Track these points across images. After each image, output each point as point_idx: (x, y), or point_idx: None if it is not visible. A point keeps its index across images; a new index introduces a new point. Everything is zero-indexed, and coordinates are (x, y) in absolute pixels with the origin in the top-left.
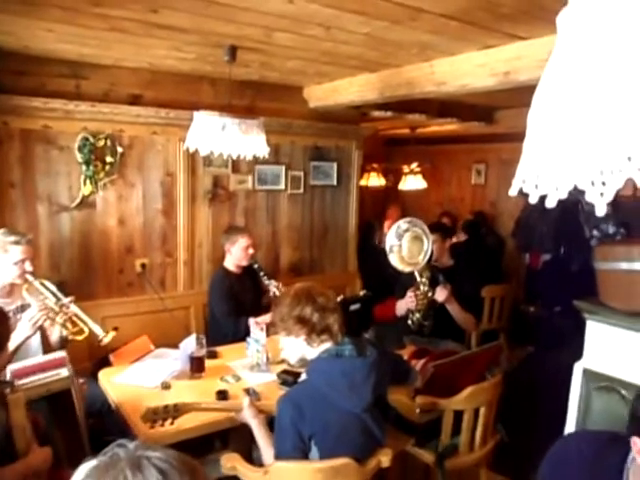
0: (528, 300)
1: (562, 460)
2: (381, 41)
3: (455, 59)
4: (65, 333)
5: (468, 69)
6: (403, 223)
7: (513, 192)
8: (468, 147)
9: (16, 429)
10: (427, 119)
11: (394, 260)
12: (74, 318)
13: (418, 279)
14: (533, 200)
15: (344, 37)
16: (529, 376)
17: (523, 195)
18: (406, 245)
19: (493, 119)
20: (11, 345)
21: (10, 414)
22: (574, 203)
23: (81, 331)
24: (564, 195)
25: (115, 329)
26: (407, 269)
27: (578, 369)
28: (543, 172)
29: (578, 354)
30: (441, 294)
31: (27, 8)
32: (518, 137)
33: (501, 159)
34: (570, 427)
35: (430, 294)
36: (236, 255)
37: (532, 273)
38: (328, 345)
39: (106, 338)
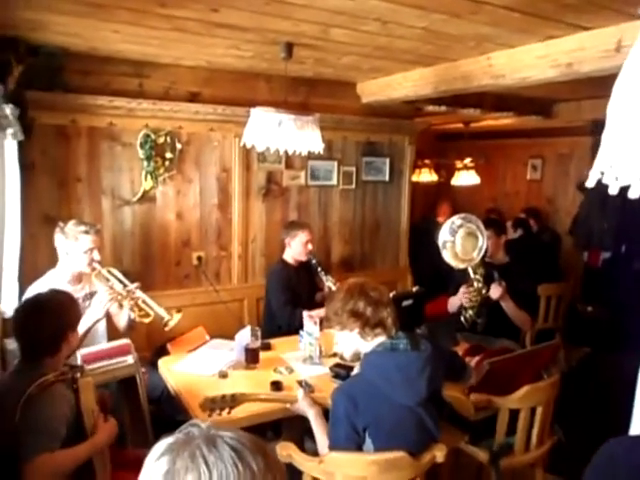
0: (586, 299)
1: (609, 462)
2: (438, 35)
3: (514, 51)
4: (133, 316)
5: (528, 61)
6: (457, 219)
7: (590, 183)
8: (524, 142)
9: (86, 412)
10: (482, 113)
11: (447, 256)
12: (140, 303)
13: (472, 276)
14: (613, 191)
15: (400, 32)
16: (588, 377)
17: (581, 190)
18: (460, 241)
19: (551, 112)
20: (81, 329)
21: (80, 397)
22: (637, 199)
23: (147, 314)
24: None
25: (179, 311)
26: (461, 265)
27: None
28: (626, 162)
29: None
30: (495, 291)
31: (95, 10)
32: (577, 131)
33: (559, 154)
34: (635, 429)
35: (484, 291)
36: (295, 249)
37: (591, 271)
38: (382, 339)
39: (172, 321)
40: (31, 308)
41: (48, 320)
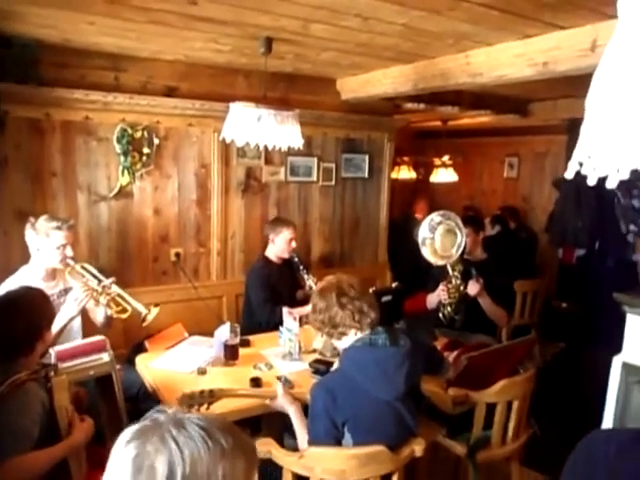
0: (560, 296)
1: (586, 459)
2: (417, 32)
3: (492, 49)
4: (110, 312)
5: (505, 59)
6: (436, 216)
7: (569, 175)
8: (501, 140)
9: (59, 411)
10: (460, 111)
11: (427, 253)
12: (117, 298)
13: (450, 272)
14: (592, 182)
15: (381, 28)
16: (562, 371)
17: (557, 188)
18: (439, 238)
19: (527, 111)
20: (56, 326)
21: (54, 396)
22: (610, 197)
23: (124, 310)
24: (626, 176)
25: (157, 305)
26: (440, 262)
27: (617, 363)
28: (603, 153)
29: (613, 350)
30: (473, 288)
31: (70, 1)
32: (553, 130)
33: (535, 152)
34: (608, 422)
35: (462, 288)
36: (279, 246)
37: (565, 268)
38: (360, 334)
39: (150, 315)
40: (2, 307)
41: (21, 318)
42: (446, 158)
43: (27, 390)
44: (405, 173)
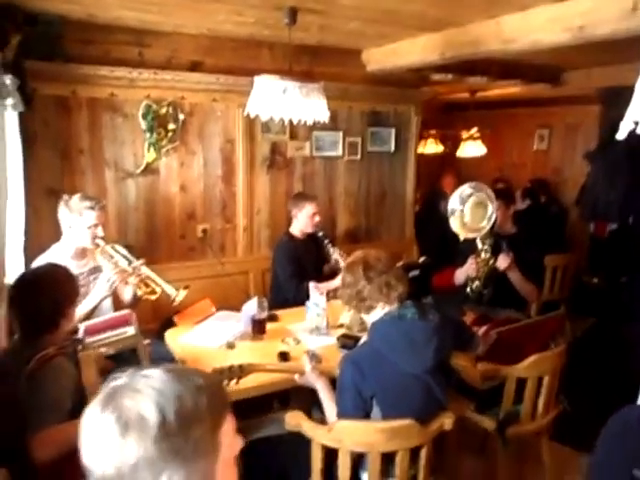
0: (591, 271)
1: (620, 431)
2: None
3: (525, 14)
4: (140, 293)
5: (539, 24)
6: (467, 187)
7: (622, 135)
8: (531, 111)
9: (88, 386)
10: (489, 81)
11: (455, 225)
12: (146, 279)
13: (480, 246)
14: None
15: None
16: (593, 347)
17: (589, 161)
18: (469, 211)
19: (559, 80)
20: (88, 305)
21: (82, 371)
22: None
23: (154, 291)
24: None
25: (186, 287)
26: (469, 235)
27: None
28: None
29: None
30: (503, 262)
31: None
32: (586, 100)
33: (567, 123)
34: None
35: (491, 262)
36: (302, 221)
37: (597, 243)
38: (388, 308)
39: (178, 297)
40: (27, 284)
41: (44, 295)
42: (474, 131)
43: (56, 365)
44: (432, 147)
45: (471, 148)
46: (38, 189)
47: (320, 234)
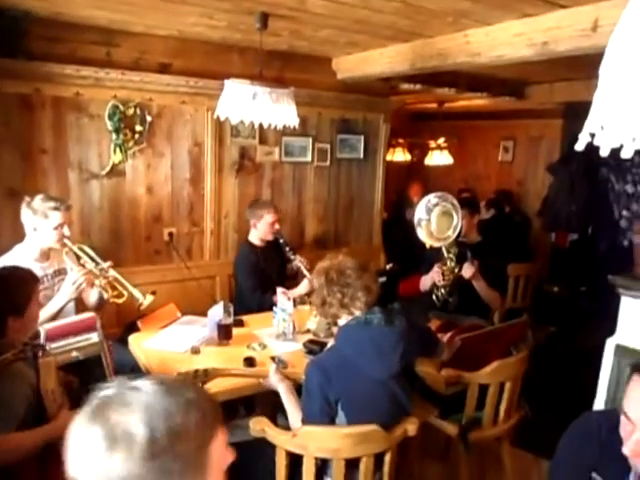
0: (552, 280)
1: (581, 435)
2: (416, 9)
3: (491, 29)
4: (106, 296)
5: (505, 39)
6: (433, 197)
7: (580, 146)
8: (497, 123)
9: (46, 393)
10: (456, 93)
11: (422, 235)
12: (113, 282)
13: (445, 254)
14: (604, 153)
15: (379, 4)
16: (554, 354)
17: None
18: (435, 220)
19: (524, 94)
20: (53, 308)
21: (41, 378)
22: (604, 182)
23: (120, 295)
24: None
25: (153, 293)
26: (436, 244)
27: (610, 345)
28: (618, 122)
29: (604, 334)
30: (468, 270)
31: None
32: (549, 114)
33: (530, 136)
34: (600, 402)
35: (457, 270)
36: (262, 230)
37: (558, 252)
38: (351, 317)
39: (145, 301)
40: None
41: None
42: (441, 140)
43: (14, 370)
44: (400, 155)
45: (438, 157)
46: None
47: (281, 241)
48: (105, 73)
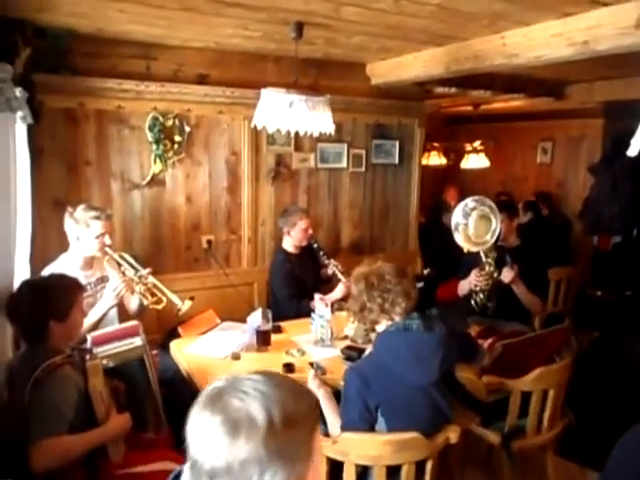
0: (595, 284)
1: (633, 445)
2: (451, 12)
3: (529, 29)
4: (146, 303)
5: (543, 39)
6: (470, 201)
7: (633, 152)
8: (534, 124)
9: (95, 395)
10: (492, 95)
11: (459, 239)
12: (153, 289)
13: (484, 259)
14: None
15: (413, 9)
16: (599, 360)
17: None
18: (473, 224)
19: (563, 94)
20: (95, 315)
21: (88, 381)
22: None
23: (159, 301)
24: None
25: (192, 298)
26: (473, 249)
27: None
28: None
29: None
30: (508, 275)
31: None
32: (589, 113)
33: (570, 137)
34: None
35: (496, 275)
36: (296, 237)
37: (600, 256)
38: (391, 322)
39: (184, 307)
40: (17, 292)
41: (27, 308)
42: (477, 143)
43: (62, 374)
44: (435, 159)
45: (474, 160)
46: (45, 200)
47: (315, 245)
48: (145, 86)
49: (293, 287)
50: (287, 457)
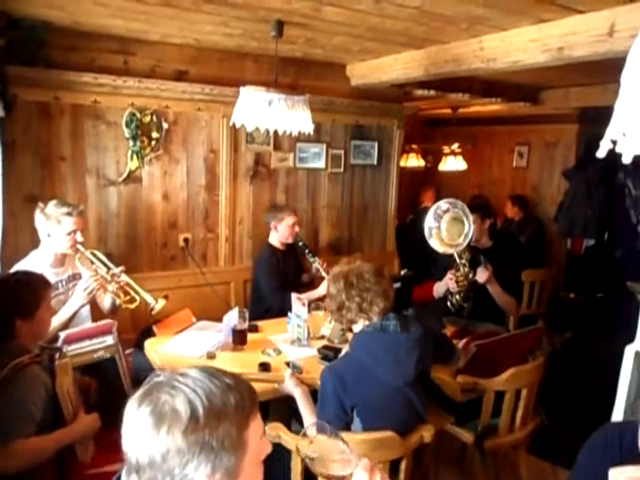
0: (568, 286)
1: (601, 446)
2: (430, 15)
3: (506, 34)
4: (118, 302)
5: (520, 45)
6: (443, 203)
7: (602, 153)
8: (511, 128)
9: (62, 395)
10: (470, 98)
11: (434, 244)
12: (126, 287)
13: (458, 260)
14: (627, 160)
15: (393, 11)
16: (570, 361)
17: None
18: (445, 227)
19: (539, 99)
20: (66, 313)
21: (57, 380)
22: (620, 188)
23: (133, 300)
24: None
25: (165, 297)
26: (449, 251)
27: (630, 352)
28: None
29: (622, 341)
30: (482, 275)
31: None
32: (564, 119)
33: (545, 141)
34: (619, 411)
35: (470, 275)
36: (282, 233)
37: (574, 259)
38: (368, 322)
39: (157, 306)
40: None
41: None
42: (455, 146)
43: (30, 373)
44: (413, 161)
45: (452, 163)
46: (17, 196)
47: (300, 243)
48: (122, 81)
49: (279, 279)
50: (211, 450)
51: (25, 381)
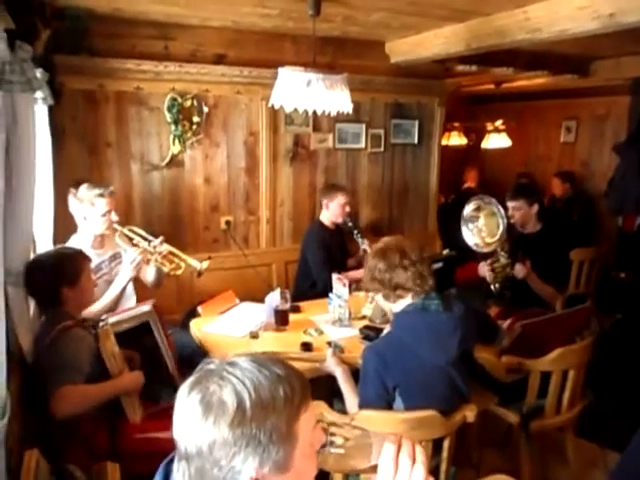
0: (619, 265)
1: None
2: None
3: (552, 2)
4: (166, 270)
5: (567, 13)
6: (472, 205)
7: None
8: (558, 102)
9: (107, 357)
10: (515, 72)
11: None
12: (169, 256)
13: (498, 250)
14: None
15: None
16: (620, 342)
17: (618, 153)
18: (483, 222)
19: (588, 71)
20: (116, 289)
21: (100, 344)
22: None
23: (178, 266)
24: None
25: (209, 258)
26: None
27: None
28: None
29: None
30: (520, 271)
31: None
32: (615, 90)
33: (595, 115)
34: None
35: (508, 269)
36: (333, 211)
37: (625, 236)
38: (414, 299)
39: (203, 266)
40: (30, 266)
41: (40, 278)
42: (499, 123)
43: (75, 333)
44: (456, 139)
45: (496, 140)
46: (67, 182)
47: (350, 224)
48: (163, 66)
49: (326, 253)
50: (258, 443)
51: (71, 340)
